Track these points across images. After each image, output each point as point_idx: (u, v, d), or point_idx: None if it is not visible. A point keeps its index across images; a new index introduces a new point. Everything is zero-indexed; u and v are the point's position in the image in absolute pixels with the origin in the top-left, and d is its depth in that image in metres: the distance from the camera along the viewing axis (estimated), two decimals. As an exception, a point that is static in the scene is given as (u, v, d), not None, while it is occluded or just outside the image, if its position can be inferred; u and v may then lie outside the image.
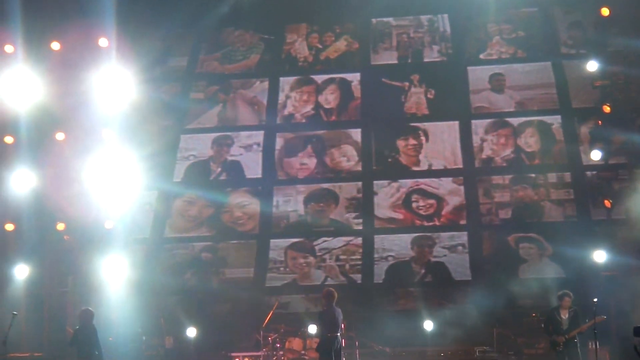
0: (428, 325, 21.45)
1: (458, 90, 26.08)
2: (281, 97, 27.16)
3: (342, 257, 24.50)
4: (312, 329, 19.81)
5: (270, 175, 25.86)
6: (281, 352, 20.37)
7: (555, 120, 24.92)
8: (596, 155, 20.68)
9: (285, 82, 27.50)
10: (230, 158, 26.43)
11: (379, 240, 24.53)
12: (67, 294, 22.77)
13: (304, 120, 26.70)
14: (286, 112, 26.97)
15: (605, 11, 21.30)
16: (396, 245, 24.33)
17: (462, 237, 24.08)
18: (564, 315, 17.20)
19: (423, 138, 25.75)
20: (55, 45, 22.11)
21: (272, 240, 25.00)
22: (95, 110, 22.40)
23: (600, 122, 21.13)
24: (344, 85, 27.09)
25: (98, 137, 22.51)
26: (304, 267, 24.54)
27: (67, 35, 22.08)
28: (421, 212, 24.70)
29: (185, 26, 27.49)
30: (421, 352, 21.35)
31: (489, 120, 25.57)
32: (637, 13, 22.13)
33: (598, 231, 21.66)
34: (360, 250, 24.51)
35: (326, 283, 23.57)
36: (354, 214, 25.06)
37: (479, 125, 25.56)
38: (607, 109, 20.44)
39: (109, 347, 19.18)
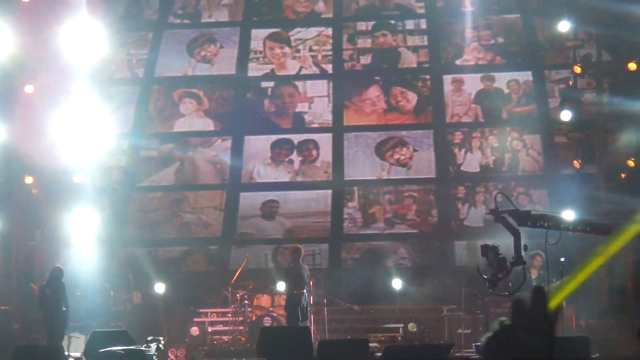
0: (396, 283, 21.44)
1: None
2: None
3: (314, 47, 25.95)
4: (281, 285, 19.78)
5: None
6: (249, 309, 20.39)
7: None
8: (566, 115, 20.61)
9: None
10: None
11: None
12: (35, 247, 22.67)
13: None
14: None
15: None
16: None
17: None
18: (534, 274, 17.17)
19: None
20: (25, -4, 21.79)
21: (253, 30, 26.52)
22: (65, 63, 22.15)
23: (571, 82, 21.02)
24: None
25: (67, 90, 22.28)
26: (280, 58, 25.84)
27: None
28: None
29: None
30: (389, 310, 21.40)
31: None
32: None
33: (565, 190, 21.53)
34: (331, 42, 25.99)
35: (301, 73, 25.65)
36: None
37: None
38: (577, 69, 20.31)
39: (76, 301, 19.19)
